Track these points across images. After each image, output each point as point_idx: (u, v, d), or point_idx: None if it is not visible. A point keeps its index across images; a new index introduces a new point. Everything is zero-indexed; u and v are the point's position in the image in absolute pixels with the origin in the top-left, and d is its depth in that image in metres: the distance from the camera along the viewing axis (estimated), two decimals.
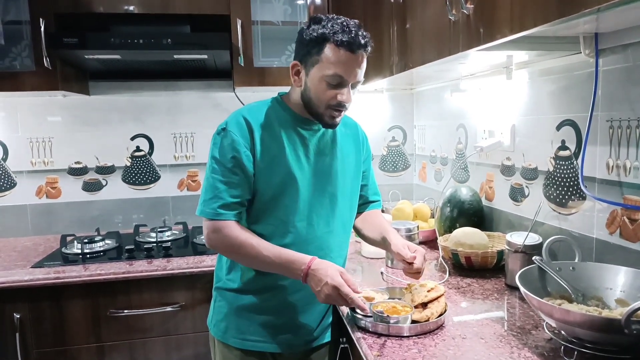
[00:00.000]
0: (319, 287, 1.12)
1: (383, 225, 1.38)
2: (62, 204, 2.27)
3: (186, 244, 2.05)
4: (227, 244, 1.20)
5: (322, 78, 1.16)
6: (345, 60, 1.14)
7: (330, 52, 1.14)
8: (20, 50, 1.97)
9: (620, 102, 1.19)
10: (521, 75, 1.57)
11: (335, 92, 1.17)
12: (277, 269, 1.18)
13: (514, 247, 1.35)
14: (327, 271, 1.12)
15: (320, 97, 1.18)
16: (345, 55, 1.13)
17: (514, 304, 1.26)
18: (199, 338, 1.77)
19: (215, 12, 1.99)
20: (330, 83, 1.16)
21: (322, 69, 1.15)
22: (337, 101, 1.17)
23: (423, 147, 2.48)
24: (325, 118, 1.21)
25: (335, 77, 1.15)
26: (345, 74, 1.15)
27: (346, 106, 1.20)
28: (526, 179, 1.58)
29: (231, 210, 1.19)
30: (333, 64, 1.14)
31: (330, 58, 1.14)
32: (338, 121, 1.23)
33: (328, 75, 1.15)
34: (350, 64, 1.15)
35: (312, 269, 1.13)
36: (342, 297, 1.10)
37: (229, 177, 1.19)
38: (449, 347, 1.02)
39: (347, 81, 1.16)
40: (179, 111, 2.36)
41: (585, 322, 0.89)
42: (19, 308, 1.64)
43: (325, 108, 1.19)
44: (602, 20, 1.05)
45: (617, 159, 1.20)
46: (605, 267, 1.12)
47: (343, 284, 1.10)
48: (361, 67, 1.17)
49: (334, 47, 1.13)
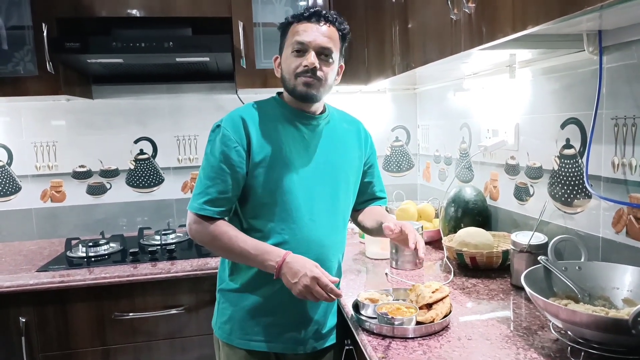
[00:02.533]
0: (296, 279, 1.12)
1: (382, 213, 1.41)
2: (66, 207, 2.28)
3: (190, 246, 2.05)
4: (205, 235, 1.23)
5: (289, 54, 1.23)
6: (304, 29, 1.22)
7: (293, 28, 1.24)
8: (23, 55, 1.98)
9: (625, 99, 1.17)
10: (525, 74, 1.56)
11: (300, 59, 1.22)
12: (253, 261, 1.20)
13: (519, 247, 1.35)
14: (304, 264, 1.14)
15: (289, 69, 1.24)
16: (304, 25, 1.22)
17: (519, 305, 1.25)
18: (203, 340, 1.77)
19: (217, 14, 1.99)
20: (294, 51, 1.22)
21: (288, 46, 1.24)
22: (302, 67, 1.21)
23: (427, 146, 2.47)
24: (298, 88, 1.24)
25: (296, 44, 1.22)
26: (304, 39, 1.21)
27: (318, 74, 1.22)
28: (531, 178, 1.57)
29: (217, 207, 1.22)
30: (294, 35, 1.23)
31: (293, 33, 1.23)
32: (313, 92, 1.24)
33: (290, 45, 1.23)
34: (309, 31, 1.21)
35: (287, 261, 1.15)
36: (319, 289, 1.11)
37: (216, 173, 1.21)
38: (455, 348, 1.02)
39: (308, 46, 1.21)
40: (181, 114, 2.36)
41: (592, 323, 0.88)
42: (24, 312, 1.65)
43: (295, 78, 1.23)
44: (606, 18, 1.04)
45: (622, 157, 1.19)
46: (611, 267, 1.11)
47: (322, 276, 1.11)
48: (325, 34, 1.22)
49: (295, 24, 1.24)
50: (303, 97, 1.25)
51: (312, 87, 1.22)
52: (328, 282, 1.11)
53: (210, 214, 1.21)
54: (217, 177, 1.21)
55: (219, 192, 1.21)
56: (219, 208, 1.22)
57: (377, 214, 1.41)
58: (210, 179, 1.21)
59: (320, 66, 1.22)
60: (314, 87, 1.23)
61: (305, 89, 1.22)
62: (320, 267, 1.15)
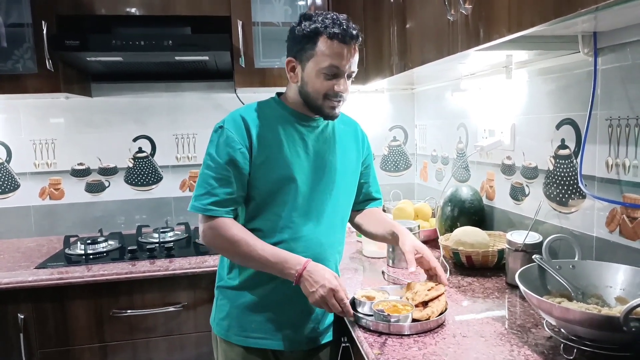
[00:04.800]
0: (314, 289, 1.14)
1: (388, 221, 1.42)
2: (65, 205, 2.29)
3: (188, 244, 2.06)
4: (222, 241, 1.22)
5: (319, 71, 1.20)
6: (339, 52, 1.18)
7: (324, 44, 1.18)
8: (22, 52, 1.98)
9: (619, 100, 1.19)
10: (521, 75, 1.57)
11: (332, 83, 1.21)
12: (271, 268, 1.20)
13: (514, 246, 1.36)
14: (324, 274, 1.15)
15: (318, 89, 1.22)
16: (339, 46, 1.18)
17: (514, 303, 1.26)
18: (201, 338, 1.78)
19: (216, 13, 2.00)
20: (327, 74, 1.20)
21: (317, 62, 1.19)
22: (334, 92, 1.21)
23: (424, 146, 2.48)
24: (325, 109, 1.24)
25: (332, 68, 1.19)
26: (340, 64, 1.19)
27: (344, 96, 1.24)
28: (526, 177, 1.59)
29: (223, 207, 1.21)
30: (328, 56, 1.18)
31: (325, 50, 1.18)
32: (338, 112, 1.27)
33: (324, 67, 1.19)
34: (344, 55, 1.19)
35: (308, 270, 1.16)
36: (334, 302, 1.13)
37: (222, 173, 1.21)
38: (450, 345, 1.03)
39: (343, 71, 1.21)
40: (180, 112, 2.37)
41: (585, 320, 0.89)
42: (22, 308, 1.66)
43: (324, 99, 1.23)
44: (601, 19, 1.05)
45: (616, 157, 1.20)
46: (605, 265, 1.12)
47: (340, 289, 1.14)
48: (354, 57, 1.22)
49: (327, 39, 1.17)
50: (328, 117, 1.27)
51: (338, 108, 1.26)
52: (344, 297, 1.14)
53: (219, 214, 1.21)
54: (222, 179, 1.21)
55: (226, 193, 1.21)
56: (226, 208, 1.22)
57: (381, 221, 1.42)
58: (216, 180, 1.20)
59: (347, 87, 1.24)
60: (339, 108, 1.27)
61: (332, 111, 1.25)
62: (339, 278, 1.17)
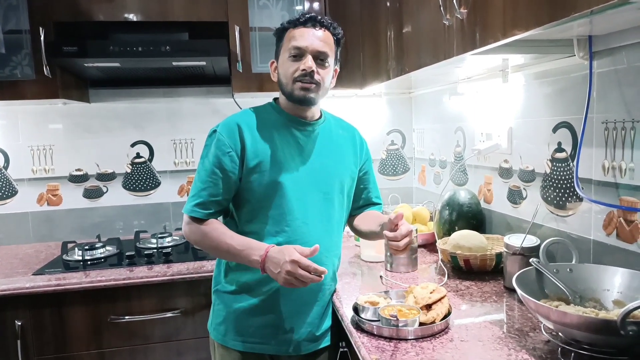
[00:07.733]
0: (278, 269, 1.13)
1: (381, 215, 1.42)
2: (63, 211, 2.28)
3: (186, 249, 2.05)
4: (197, 234, 1.26)
5: (287, 58, 1.25)
6: (301, 34, 1.24)
7: (289, 34, 1.26)
8: (20, 59, 1.99)
9: (615, 103, 1.19)
10: (517, 78, 1.58)
11: (298, 64, 1.23)
12: (239, 257, 1.21)
13: (512, 250, 1.36)
14: (282, 252, 1.14)
15: (287, 73, 1.25)
16: (300, 30, 1.24)
17: (512, 307, 1.26)
18: (199, 343, 1.77)
19: (214, 19, 2.00)
20: (292, 56, 1.24)
21: (284, 51, 1.26)
22: (300, 72, 1.23)
23: (422, 150, 2.48)
24: (295, 92, 1.25)
25: (293, 49, 1.23)
26: (301, 44, 1.23)
27: (315, 78, 1.24)
28: (524, 181, 1.59)
29: (206, 209, 1.25)
30: (290, 40, 1.25)
31: (289, 38, 1.25)
32: (313, 96, 1.26)
33: (288, 50, 1.24)
34: (306, 36, 1.23)
35: (269, 255, 1.16)
36: (302, 271, 1.10)
37: (209, 176, 1.24)
38: (447, 349, 1.03)
39: (305, 50, 1.23)
40: (178, 117, 2.37)
41: (582, 324, 0.89)
42: (20, 315, 1.65)
43: (293, 82, 1.25)
44: (596, 23, 1.06)
45: (612, 160, 1.21)
46: (602, 269, 1.12)
47: (301, 257, 1.11)
48: (321, 39, 1.24)
49: (291, 29, 1.26)
50: (301, 101, 1.26)
51: (310, 91, 1.25)
52: (309, 263, 1.11)
53: (200, 216, 1.25)
54: (209, 181, 1.24)
55: (209, 195, 1.24)
56: (207, 210, 1.25)
57: (372, 217, 1.43)
58: (203, 182, 1.25)
59: (317, 70, 1.24)
60: (311, 91, 1.25)
61: (303, 93, 1.24)
62: (299, 247, 1.14)
